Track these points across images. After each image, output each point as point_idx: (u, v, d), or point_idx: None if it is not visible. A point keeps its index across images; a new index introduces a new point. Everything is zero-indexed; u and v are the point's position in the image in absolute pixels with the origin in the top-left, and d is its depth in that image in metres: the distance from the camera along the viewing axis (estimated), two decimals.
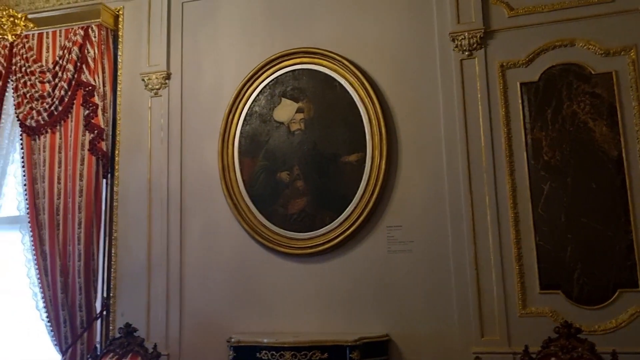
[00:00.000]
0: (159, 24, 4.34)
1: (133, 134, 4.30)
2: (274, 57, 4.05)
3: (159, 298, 4.00)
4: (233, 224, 4.00)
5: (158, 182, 4.17)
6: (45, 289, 4.03)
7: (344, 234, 3.74)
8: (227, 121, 4.08)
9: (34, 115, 4.25)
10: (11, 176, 4.42)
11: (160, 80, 4.28)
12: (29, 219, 4.15)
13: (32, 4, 4.62)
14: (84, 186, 4.10)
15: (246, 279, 3.93)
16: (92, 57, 4.26)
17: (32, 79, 4.32)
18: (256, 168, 4.00)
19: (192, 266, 4.02)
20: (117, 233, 4.19)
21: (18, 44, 4.36)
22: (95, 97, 4.21)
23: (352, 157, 3.82)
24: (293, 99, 4.00)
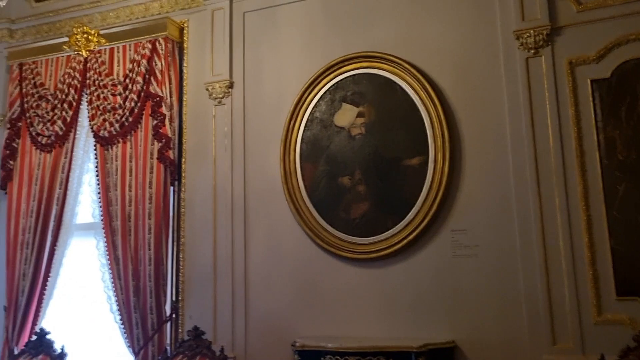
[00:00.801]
0: (221, 35, 4.46)
1: (198, 142, 4.43)
2: (333, 62, 4.07)
3: (224, 302, 4.09)
4: (295, 228, 4.04)
5: (222, 188, 4.27)
6: (119, 292, 4.20)
7: (407, 238, 3.70)
8: (288, 127, 4.13)
9: (106, 127, 4.46)
10: (86, 185, 4.65)
11: (224, 89, 4.39)
12: (103, 225, 4.35)
13: (104, 20, 4.86)
14: (153, 193, 4.26)
15: (309, 283, 3.96)
16: (159, 69, 4.43)
17: (104, 92, 4.53)
18: (318, 173, 4.02)
19: (256, 270, 4.09)
20: (184, 238, 4.32)
21: (92, 59, 4.59)
22: (163, 107, 4.37)
23: (414, 160, 3.78)
24: (353, 104, 4.00)
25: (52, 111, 4.70)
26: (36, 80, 4.81)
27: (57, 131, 4.64)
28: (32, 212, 4.56)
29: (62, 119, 4.64)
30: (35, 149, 4.71)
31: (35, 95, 4.79)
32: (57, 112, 4.67)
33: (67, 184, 4.55)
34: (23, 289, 4.44)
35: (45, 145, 4.66)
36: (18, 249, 4.54)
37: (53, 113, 4.68)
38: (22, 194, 4.66)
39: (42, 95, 4.77)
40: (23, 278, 4.46)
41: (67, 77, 4.68)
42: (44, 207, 4.53)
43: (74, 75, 4.65)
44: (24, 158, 4.74)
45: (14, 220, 4.63)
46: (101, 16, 4.88)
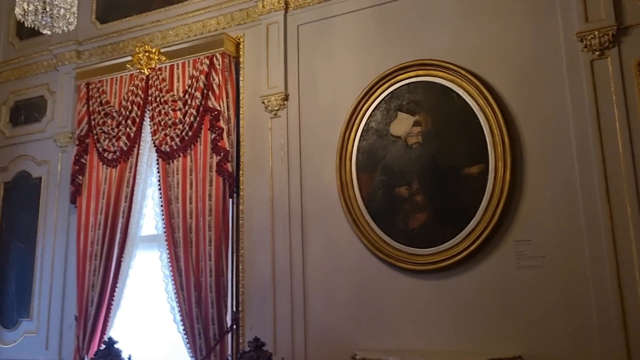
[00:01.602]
0: (276, 48, 4.52)
1: (255, 154, 4.50)
2: (388, 71, 4.04)
3: (284, 313, 4.12)
4: (353, 239, 4.02)
5: (279, 200, 4.31)
6: (182, 303, 4.31)
7: (468, 249, 3.61)
8: (343, 138, 4.12)
9: (167, 141, 4.60)
10: (149, 198, 4.80)
11: (279, 102, 4.44)
12: (166, 237, 4.48)
13: (164, 39, 5.03)
14: (213, 205, 4.35)
15: (368, 294, 3.93)
16: (217, 83, 4.53)
17: (165, 108, 4.67)
18: (374, 183, 3.99)
19: (315, 281, 4.10)
20: (243, 250, 4.38)
21: (153, 76, 4.76)
22: (221, 121, 4.46)
23: (473, 169, 3.69)
24: (409, 113, 3.96)
25: (117, 127, 4.88)
26: (102, 99, 5.02)
27: (122, 147, 4.82)
28: (100, 225, 4.75)
29: (126, 135, 4.82)
30: (102, 164, 4.91)
31: (102, 113, 4.99)
32: (122, 129, 4.85)
33: (131, 198, 4.72)
34: (92, 299, 4.63)
35: (111, 161, 4.85)
36: (87, 260, 4.74)
37: (118, 129, 4.87)
38: (91, 207, 4.86)
39: (107, 113, 4.97)
40: (92, 288, 4.65)
41: (130, 95, 4.86)
42: (110, 220, 4.71)
43: (136, 93, 4.82)
44: (92, 173, 4.95)
45: (83, 232, 4.84)
46: (161, 35, 5.05)
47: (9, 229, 5.40)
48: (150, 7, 5.13)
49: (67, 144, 5.27)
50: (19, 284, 5.22)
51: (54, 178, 5.27)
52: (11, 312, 5.21)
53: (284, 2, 4.51)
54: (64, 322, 4.94)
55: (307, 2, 4.48)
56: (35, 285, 5.14)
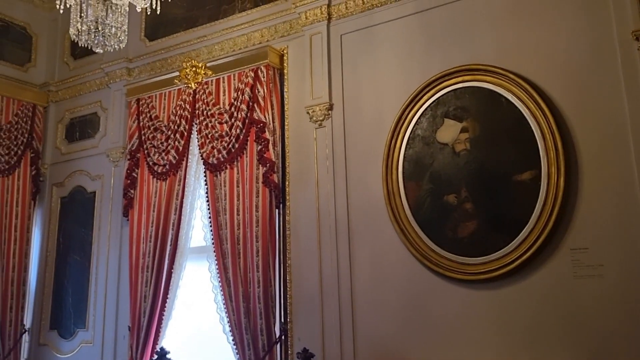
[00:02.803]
0: (320, 58, 4.53)
1: (301, 165, 4.51)
2: (433, 78, 3.99)
3: (332, 323, 4.09)
4: (401, 249, 3.96)
5: (326, 210, 4.29)
6: (230, 313, 4.34)
7: (521, 258, 3.49)
8: (389, 146, 4.08)
9: (215, 154, 4.67)
10: (198, 210, 4.88)
11: (324, 112, 4.44)
12: (214, 248, 4.53)
13: (209, 54, 5.12)
14: (260, 217, 4.38)
15: (417, 305, 3.85)
16: (262, 95, 4.57)
17: (212, 121, 4.75)
18: (422, 192, 3.93)
19: (363, 292, 4.05)
20: (290, 260, 4.39)
21: (200, 90, 4.85)
22: (266, 132, 4.50)
23: (524, 175, 3.57)
24: (456, 119, 3.88)
25: (166, 141, 5.00)
26: (151, 114, 5.16)
27: (171, 160, 4.92)
28: (151, 237, 4.86)
29: (175, 149, 4.93)
30: (152, 177, 5.02)
31: (151, 128, 5.12)
32: (171, 142, 4.96)
33: (181, 210, 4.81)
34: (145, 310, 4.73)
35: (161, 174, 4.96)
36: (139, 272, 4.85)
37: (167, 143, 4.98)
38: (142, 220, 4.98)
39: (157, 127, 5.10)
40: (144, 299, 4.76)
41: (178, 109, 4.97)
42: (161, 232, 4.81)
43: (184, 107, 4.93)
44: (143, 187, 5.07)
45: (135, 245, 4.96)
46: (207, 50, 5.15)
47: (66, 242, 5.60)
48: (196, 23, 5.25)
49: (119, 159, 5.43)
50: (75, 295, 5.40)
51: (107, 192, 5.44)
52: (68, 323, 5.39)
53: (326, 13, 4.52)
54: (118, 332, 5.07)
55: (349, 11, 4.48)
56: (90, 296, 5.30)
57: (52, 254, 5.63)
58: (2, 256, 5.32)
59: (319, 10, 4.54)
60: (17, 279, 5.40)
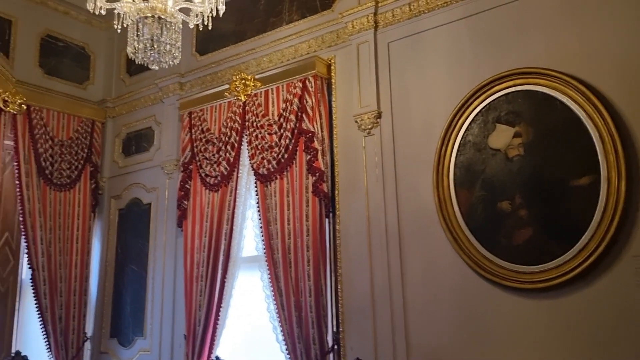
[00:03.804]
0: (367, 67, 4.53)
1: (350, 173, 4.51)
2: (484, 83, 3.91)
3: (384, 333, 4.05)
4: (453, 257, 3.89)
5: (376, 218, 4.27)
6: (283, 322, 4.37)
7: (581, 266, 3.36)
8: (440, 153, 4.03)
9: (265, 164, 4.73)
10: (249, 220, 4.96)
11: (372, 120, 4.44)
12: (266, 258, 4.58)
13: (258, 66, 5.21)
14: (310, 226, 4.40)
15: (471, 314, 3.77)
16: (310, 105, 4.61)
17: (262, 132, 4.82)
18: (474, 199, 3.85)
19: (415, 301, 4.00)
20: (341, 269, 4.38)
21: (249, 102, 4.94)
22: (315, 142, 4.53)
23: (582, 180, 3.45)
24: (508, 124, 3.79)
25: (217, 153, 5.10)
26: (203, 126, 5.28)
27: (223, 171, 5.02)
28: (205, 247, 4.96)
29: (226, 160, 5.02)
30: (205, 189, 5.13)
31: (203, 140, 5.25)
32: (222, 154, 5.06)
33: (232, 220, 4.89)
34: (199, 319, 4.82)
35: (213, 185, 5.07)
36: (194, 281, 4.96)
37: (218, 155, 5.09)
38: (195, 230, 5.10)
39: (208, 140, 5.21)
40: (199, 308, 4.85)
41: (229, 121, 5.07)
42: (214, 242, 4.91)
43: (234, 119, 5.02)
44: (196, 198, 5.19)
45: (189, 254, 5.07)
46: (256, 62, 5.24)
47: (124, 252, 5.80)
48: (245, 36, 5.36)
49: (173, 171, 5.58)
50: (133, 304, 5.57)
51: (162, 204, 5.60)
52: (127, 331, 5.56)
53: (373, 21, 4.52)
54: (175, 340, 5.19)
55: (396, 19, 4.47)
56: (147, 305, 5.45)
57: (111, 264, 5.84)
58: (65, 267, 5.55)
59: (365, 19, 4.55)
60: (79, 289, 5.62)
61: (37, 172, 5.48)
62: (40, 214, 5.40)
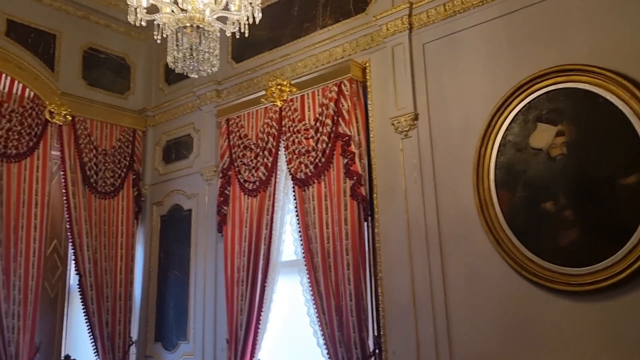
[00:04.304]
0: (402, 69, 4.50)
1: (388, 176, 4.49)
2: (523, 81, 3.83)
3: (427, 337, 4.01)
4: (496, 259, 3.83)
5: (415, 221, 4.24)
6: (324, 327, 4.38)
7: (631, 267, 3.25)
8: (479, 154, 3.97)
9: (302, 169, 4.76)
10: (288, 224, 4.99)
11: (409, 122, 4.40)
12: (305, 262, 4.60)
13: (293, 71, 5.25)
14: (349, 230, 4.40)
15: (516, 317, 3.70)
16: (346, 109, 4.61)
17: (298, 137, 4.85)
18: (516, 200, 3.78)
19: (458, 305, 3.95)
20: (381, 273, 4.36)
21: (285, 107, 4.98)
22: (352, 145, 4.53)
23: (630, 178, 3.34)
24: (550, 123, 3.71)
25: (255, 159, 5.16)
26: (241, 133, 5.34)
27: (261, 177, 5.07)
28: (245, 252, 5.02)
29: (264, 165, 5.07)
30: (244, 194, 5.19)
31: (241, 146, 5.31)
32: (260, 159, 5.11)
33: (271, 225, 4.93)
34: (241, 323, 4.88)
35: (252, 191, 5.12)
36: (235, 286, 5.02)
37: (256, 160, 5.14)
38: (235, 235, 5.16)
39: (246, 145, 5.27)
40: (240, 313, 4.91)
41: (266, 127, 5.12)
42: (254, 247, 4.96)
43: (271, 124, 5.07)
44: (235, 203, 5.26)
45: (230, 259, 5.14)
46: (291, 67, 5.27)
47: (167, 258, 5.91)
48: (279, 42, 5.40)
49: (212, 177, 5.66)
50: (176, 308, 5.68)
51: (202, 209, 5.69)
52: (171, 335, 5.67)
53: (407, 23, 4.50)
54: (217, 344, 5.26)
55: (431, 20, 4.43)
56: (190, 309, 5.55)
57: (155, 270, 5.97)
58: (110, 272, 5.70)
59: (399, 21, 4.52)
60: (124, 294, 5.76)
61: (83, 180, 5.64)
62: (86, 222, 5.57)
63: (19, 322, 4.93)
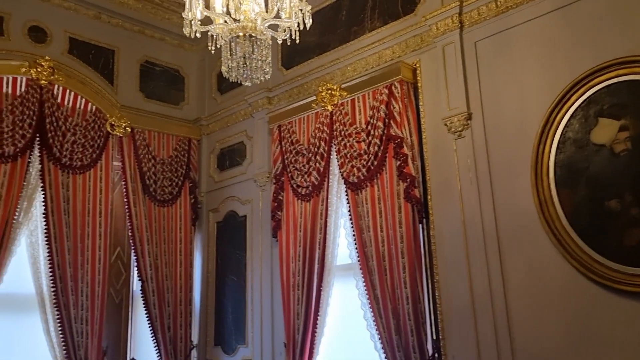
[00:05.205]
0: (454, 68, 4.44)
1: (442, 178, 4.43)
2: (582, 76, 3.71)
3: (488, 342, 3.92)
4: (558, 261, 3.71)
5: (472, 222, 4.16)
6: (381, 330, 4.35)
7: None
8: (537, 153, 3.86)
9: (354, 172, 4.76)
10: (342, 228, 4.99)
11: (462, 122, 4.33)
12: (360, 265, 4.59)
13: (343, 75, 5.26)
14: (404, 232, 4.36)
15: (580, 319, 3.57)
16: (397, 111, 4.59)
17: (350, 140, 4.86)
18: (578, 199, 3.65)
19: (519, 308, 3.84)
20: (438, 276, 4.30)
21: (336, 111, 4.99)
22: (404, 147, 4.50)
23: None
24: (613, 117, 3.57)
25: (307, 164, 5.19)
26: (292, 138, 5.40)
27: (313, 181, 5.10)
28: (299, 257, 5.06)
29: (316, 170, 5.10)
30: (297, 199, 5.24)
31: (293, 152, 5.36)
32: (312, 164, 5.15)
33: (325, 229, 4.95)
34: (298, 327, 4.92)
35: (305, 195, 5.16)
36: (291, 290, 5.06)
37: (308, 165, 5.18)
38: (290, 240, 5.21)
39: (298, 151, 5.32)
40: (297, 317, 4.95)
41: (317, 132, 5.15)
42: (308, 251, 4.99)
43: (322, 129, 5.10)
44: (289, 208, 5.31)
45: (285, 264, 5.19)
46: (340, 72, 5.29)
47: (223, 263, 6.04)
48: (328, 47, 5.43)
49: (265, 183, 5.75)
50: (234, 313, 5.78)
51: (257, 215, 5.78)
52: (230, 339, 5.78)
53: (458, 21, 4.43)
54: (275, 348, 5.32)
55: (482, 17, 4.35)
56: (248, 313, 5.63)
57: (212, 275, 6.10)
58: (170, 278, 5.87)
59: (450, 20, 4.47)
60: (184, 299, 5.92)
61: (142, 189, 5.84)
62: (147, 229, 5.76)
63: (87, 327, 5.15)
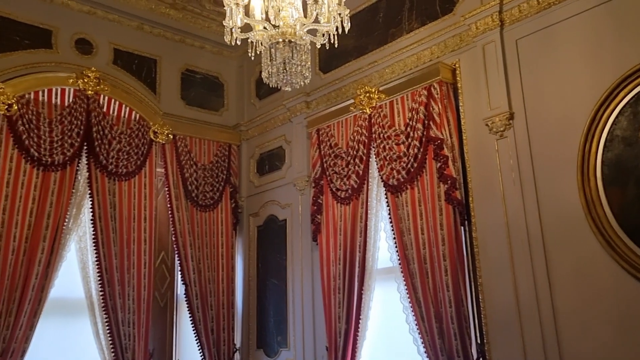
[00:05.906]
0: (495, 67, 4.37)
1: (484, 179, 4.36)
2: (630, 71, 3.60)
3: (534, 346, 3.83)
4: (607, 262, 3.60)
5: (515, 224, 4.08)
6: (424, 334, 4.31)
7: None
8: (583, 151, 3.76)
9: (394, 175, 4.73)
10: (382, 231, 4.97)
11: (504, 122, 4.26)
12: (401, 269, 4.55)
13: (381, 78, 5.25)
14: (445, 235, 4.31)
15: (632, 322, 3.45)
16: (437, 112, 4.54)
17: (389, 143, 4.83)
18: (628, 199, 3.53)
19: (566, 311, 3.74)
20: (481, 279, 4.23)
21: (375, 114, 4.98)
22: (445, 149, 4.45)
23: None
24: None
25: (346, 167, 5.20)
26: (331, 142, 5.41)
27: (353, 185, 5.10)
28: (340, 260, 5.06)
29: (355, 173, 5.09)
30: (336, 202, 5.24)
31: (332, 155, 5.37)
32: (351, 167, 5.14)
33: (365, 232, 4.94)
34: (339, 331, 4.91)
35: (344, 199, 5.16)
36: (332, 293, 5.06)
37: (347, 169, 5.18)
38: (330, 244, 5.21)
39: (337, 154, 5.33)
40: (339, 320, 4.94)
41: (356, 135, 5.14)
42: (349, 254, 4.98)
43: (361, 132, 5.09)
44: (328, 212, 5.32)
45: (325, 268, 5.20)
46: (378, 74, 5.27)
47: (264, 267, 6.09)
48: (366, 50, 5.42)
49: (304, 187, 5.77)
50: (276, 316, 5.82)
51: (297, 219, 5.81)
52: (272, 342, 5.82)
53: (498, 20, 4.36)
54: (317, 351, 5.33)
55: (523, 14, 4.27)
56: (289, 317, 5.66)
57: (254, 279, 6.16)
58: (213, 282, 5.96)
59: (489, 18, 4.40)
60: (226, 302, 6.00)
61: (185, 195, 5.96)
62: (189, 234, 5.87)
63: (134, 330, 5.28)
